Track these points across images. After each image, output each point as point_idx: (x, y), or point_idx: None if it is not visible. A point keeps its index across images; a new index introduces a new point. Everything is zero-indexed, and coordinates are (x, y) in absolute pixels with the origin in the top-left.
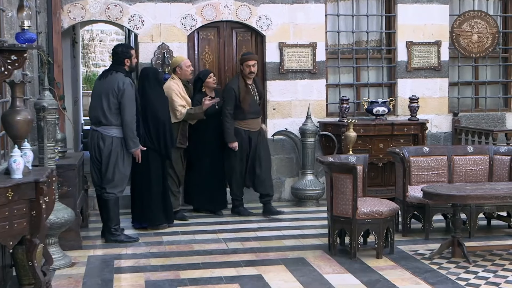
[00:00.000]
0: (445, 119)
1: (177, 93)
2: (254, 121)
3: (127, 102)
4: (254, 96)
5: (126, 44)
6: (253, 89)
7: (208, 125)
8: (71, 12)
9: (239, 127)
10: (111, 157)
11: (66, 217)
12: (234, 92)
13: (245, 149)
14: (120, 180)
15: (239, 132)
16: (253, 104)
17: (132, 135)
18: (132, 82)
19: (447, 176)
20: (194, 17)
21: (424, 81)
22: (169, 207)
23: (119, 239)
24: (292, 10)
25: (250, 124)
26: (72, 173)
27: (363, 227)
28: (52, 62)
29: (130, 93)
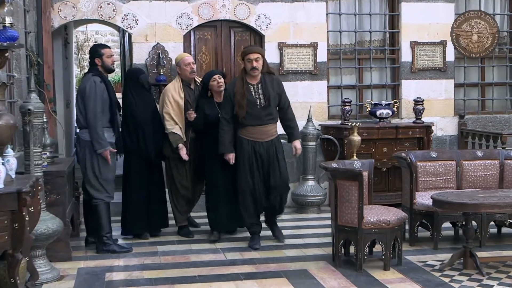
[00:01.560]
0: (451, 122)
1: (170, 98)
2: (258, 130)
3: (88, 102)
4: (257, 99)
5: (99, 44)
6: (256, 90)
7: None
8: (61, 10)
9: (242, 136)
10: (87, 161)
11: (53, 227)
12: (228, 94)
13: (250, 163)
14: (102, 184)
15: (241, 142)
16: (253, 108)
17: (97, 136)
18: (100, 81)
19: (455, 182)
20: (190, 16)
21: (429, 82)
22: (157, 215)
23: (111, 248)
24: (292, 9)
25: (253, 133)
26: (61, 180)
27: (370, 237)
28: (42, 63)
29: (92, 92)
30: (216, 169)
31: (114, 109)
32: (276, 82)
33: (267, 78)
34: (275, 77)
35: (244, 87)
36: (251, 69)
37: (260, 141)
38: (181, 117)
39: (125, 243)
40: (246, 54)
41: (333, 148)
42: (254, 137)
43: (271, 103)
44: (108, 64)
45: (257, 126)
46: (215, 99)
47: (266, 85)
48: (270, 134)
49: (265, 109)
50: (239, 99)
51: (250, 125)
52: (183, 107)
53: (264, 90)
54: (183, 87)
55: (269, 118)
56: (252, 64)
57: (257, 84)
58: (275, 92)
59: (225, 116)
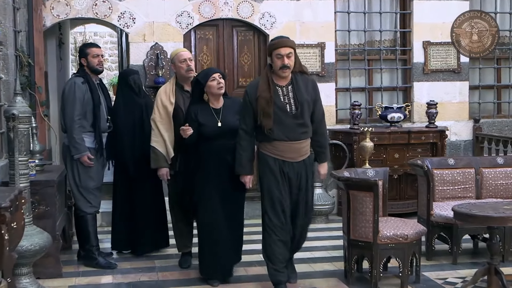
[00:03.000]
0: (465, 126)
1: (158, 103)
2: (288, 146)
3: (66, 104)
4: (286, 105)
5: (86, 43)
6: (286, 93)
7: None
8: (54, 8)
9: (267, 152)
10: (68, 169)
11: (41, 242)
12: (249, 99)
13: (279, 190)
14: (81, 193)
15: (266, 160)
16: (283, 117)
17: (73, 140)
18: (82, 82)
19: (474, 191)
20: (190, 14)
21: (443, 84)
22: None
23: (94, 262)
24: (298, 7)
25: (282, 151)
26: (50, 190)
27: (386, 253)
28: (33, 64)
29: (70, 94)
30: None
31: (97, 113)
32: (311, 84)
33: (300, 78)
34: (309, 78)
35: (271, 89)
36: (281, 68)
37: (288, 161)
38: (169, 126)
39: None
40: (276, 48)
41: (342, 154)
42: (283, 155)
43: (304, 110)
44: (93, 64)
45: (287, 142)
46: (212, 104)
47: (299, 88)
48: (303, 153)
49: (297, 119)
50: (264, 105)
51: (279, 139)
52: (171, 114)
53: (296, 94)
54: (176, 90)
55: (303, 131)
56: (283, 61)
57: (287, 86)
58: (309, 97)
59: (245, 127)
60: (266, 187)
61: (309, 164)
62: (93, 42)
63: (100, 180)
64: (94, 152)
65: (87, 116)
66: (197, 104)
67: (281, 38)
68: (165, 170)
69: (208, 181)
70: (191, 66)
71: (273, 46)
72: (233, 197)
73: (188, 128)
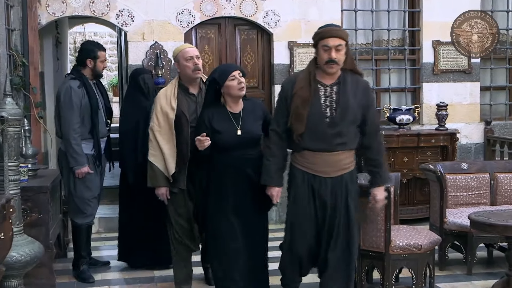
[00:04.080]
0: (476, 129)
1: (157, 109)
2: (320, 158)
3: (63, 111)
4: (326, 108)
5: (95, 42)
6: (329, 94)
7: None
8: (49, 6)
9: (297, 165)
10: (63, 175)
11: (32, 253)
12: (285, 95)
13: (304, 212)
14: (76, 203)
15: (293, 174)
16: (317, 123)
17: (72, 150)
18: (78, 86)
19: (489, 197)
20: (191, 12)
21: (453, 85)
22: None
23: (76, 272)
24: (303, 5)
25: (312, 163)
26: (43, 196)
27: (398, 264)
28: (27, 63)
29: (66, 99)
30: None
31: (96, 119)
32: (362, 87)
33: (350, 79)
34: (362, 80)
35: (312, 87)
36: (328, 63)
37: (322, 177)
38: (170, 137)
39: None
40: (322, 37)
41: None
42: (314, 169)
43: (345, 117)
44: (99, 69)
45: (319, 153)
46: (230, 108)
47: (346, 89)
48: (341, 167)
49: (332, 126)
50: (298, 105)
51: (309, 148)
52: (172, 122)
53: (340, 96)
54: (179, 93)
55: (339, 143)
56: (331, 54)
57: (332, 85)
58: (357, 103)
59: (277, 128)
60: (290, 207)
61: (351, 181)
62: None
63: (97, 189)
64: (92, 159)
65: (84, 122)
66: (211, 107)
67: (330, 26)
68: (164, 189)
69: (223, 202)
70: (198, 65)
71: (319, 35)
72: (254, 219)
73: (206, 138)
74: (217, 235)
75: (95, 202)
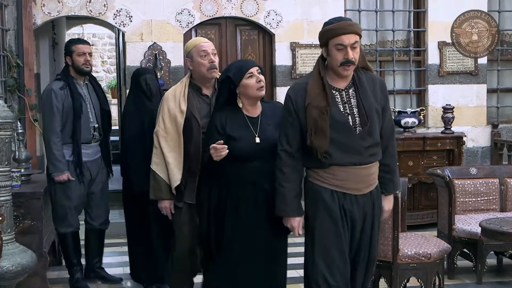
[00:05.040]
0: (483, 132)
1: (164, 111)
2: (353, 173)
3: (43, 114)
4: (348, 116)
5: (72, 39)
6: (346, 99)
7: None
8: (45, 6)
9: (321, 183)
10: (48, 182)
11: (24, 262)
12: (294, 107)
13: (333, 236)
14: (57, 212)
15: (318, 194)
16: (344, 133)
17: (52, 156)
18: (61, 87)
19: (499, 203)
20: (191, 12)
21: (459, 87)
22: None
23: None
24: (306, 5)
25: (343, 180)
26: (36, 202)
27: (407, 273)
28: (22, 65)
29: (46, 103)
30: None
31: (76, 122)
32: (379, 86)
33: (364, 78)
34: (376, 78)
35: (327, 94)
36: (343, 64)
37: (352, 195)
38: (177, 143)
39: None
40: (335, 35)
41: None
42: (345, 186)
43: (375, 124)
44: (78, 63)
45: (350, 167)
46: (246, 112)
47: (365, 91)
48: (371, 181)
49: (365, 137)
50: (316, 117)
51: (339, 164)
52: (181, 127)
53: (361, 101)
54: (191, 93)
55: (373, 153)
56: (347, 54)
57: (347, 89)
58: (379, 105)
59: (288, 148)
60: (317, 234)
61: (377, 197)
62: (81, 38)
63: (77, 198)
64: (71, 166)
65: (67, 126)
66: (224, 110)
67: (343, 21)
68: (167, 202)
69: (236, 222)
70: (215, 63)
71: (331, 32)
72: (274, 242)
73: (224, 146)
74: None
75: (75, 211)
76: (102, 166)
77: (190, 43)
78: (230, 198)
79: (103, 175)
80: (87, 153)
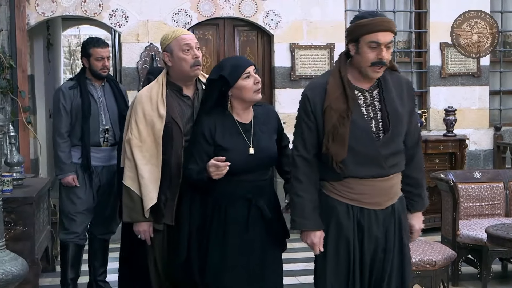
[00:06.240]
0: (485, 135)
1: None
2: (370, 186)
3: (53, 116)
4: (370, 121)
5: (91, 38)
6: (370, 102)
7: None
8: (39, 5)
9: (336, 196)
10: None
11: (14, 271)
12: (312, 108)
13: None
14: (61, 218)
15: (332, 208)
16: (362, 143)
17: (57, 158)
18: (71, 87)
19: (503, 208)
20: (188, 12)
21: (461, 89)
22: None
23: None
24: (305, 5)
25: (358, 193)
26: (28, 208)
27: (412, 281)
28: (15, 66)
29: (55, 103)
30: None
31: (84, 124)
32: (407, 88)
33: (390, 79)
34: (403, 79)
35: (348, 96)
36: (375, 64)
37: (371, 210)
38: (154, 154)
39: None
40: (370, 31)
41: None
42: (362, 200)
43: (399, 131)
44: (96, 68)
45: (368, 180)
46: (238, 117)
47: (389, 94)
48: (391, 195)
49: (386, 145)
50: (335, 122)
51: (356, 176)
52: (160, 134)
53: (385, 104)
54: (169, 94)
55: (395, 163)
56: (381, 54)
57: (372, 90)
58: (405, 109)
59: (304, 153)
60: (329, 253)
61: (403, 210)
62: (99, 39)
63: (84, 204)
64: (79, 169)
65: (75, 128)
66: (211, 115)
67: (378, 16)
68: (146, 225)
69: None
70: (199, 59)
71: (365, 28)
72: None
73: (226, 164)
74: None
75: (81, 219)
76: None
77: (169, 34)
78: (217, 218)
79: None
80: (97, 157)
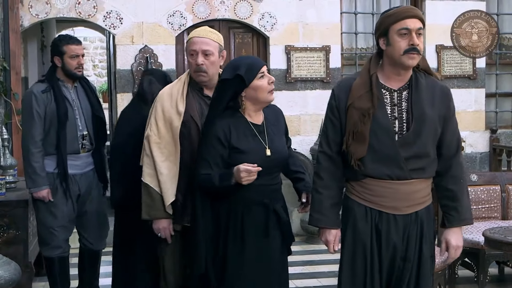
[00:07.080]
0: (481, 137)
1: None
2: (389, 188)
3: (22, 119)
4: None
5: (63, 36)
6: (397, 102)
7: None
8: (32, 7)
9: (355, 197)
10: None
11: (6, 275)
12: (337, 105)
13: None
14: (40, 233)
15: (351, 209)
16: (383, 142)
17: (30, 168)
18: (43, 90)
19: (500, 211)
20: (183, 14)
21: (457, 92)
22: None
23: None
24: (301, 7)
25: (377, 195)
26: (21, 211)
27: None
28: (9, 68)
29: (26, 108)
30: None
31: (60, 131)
32: (441, 93)
33: (424, 81)
34: (439, 84)
35: (374, 95)
36: (408, 52)
37: (391, 214)
38: (173, 151)
39: None
40: (398, 19)
41: None
42: (380, 203)
43: (422, 133)
44: (70, 67)
45: (387, 181)
46: (250, 118)
47: (419, 95)
48: (416, 201)
49: (406, 146)
50: (356, 120)
51: (373, 176)
52: (178, 131)
53: (413, 104)
54: (190, 93)
55: (416, 168)
56: (412, 39)
57: (401, 90)
58: (436, 113)
59: (328, 150)
60: (346, 256)
61: (428, 220)
62: (72, 36)
63: (66, 217)
64: (55, 180)
65: (50, 134)
66: (224, 117)
67: (403, 6)
68: (166, 222)
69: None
70: (201, 67)
71: (392, 17)
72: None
73: (258, 168)
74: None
75: (63, 232)
76: (96, 181)
77: (190, 34)
78: (232, 226)
79: (99, 191)
80: (75, 165)
